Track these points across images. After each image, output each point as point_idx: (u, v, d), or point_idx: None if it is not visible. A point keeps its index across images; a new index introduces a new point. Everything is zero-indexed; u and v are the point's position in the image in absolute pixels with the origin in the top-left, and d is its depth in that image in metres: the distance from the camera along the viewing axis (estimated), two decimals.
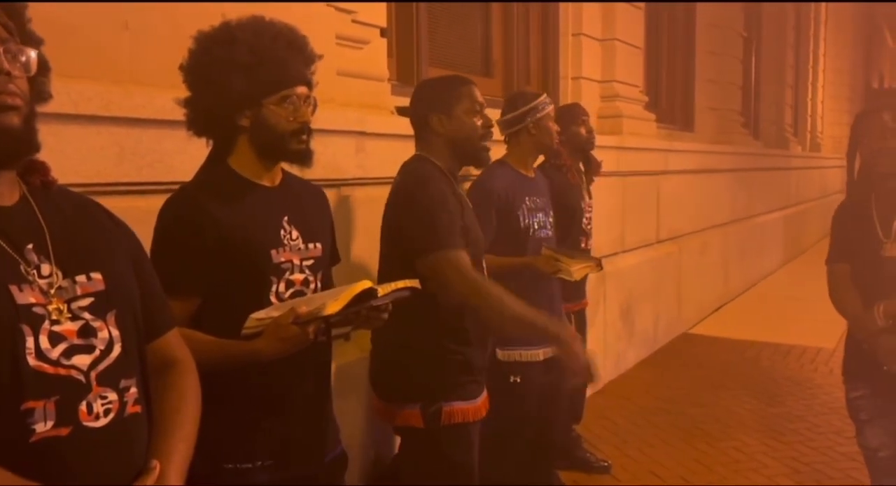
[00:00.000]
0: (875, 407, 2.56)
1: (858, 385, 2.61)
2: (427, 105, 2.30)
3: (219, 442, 1.48)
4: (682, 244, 6.52)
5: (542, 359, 2.90)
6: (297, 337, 1.56)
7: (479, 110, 2.28)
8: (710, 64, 7.98)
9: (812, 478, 3.66)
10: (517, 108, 3.04)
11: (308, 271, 1.72)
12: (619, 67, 5.53)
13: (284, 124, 1.66)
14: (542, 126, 3.01)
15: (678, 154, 6.44)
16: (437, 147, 2.28)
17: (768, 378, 5.27)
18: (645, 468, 3.79)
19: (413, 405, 2.21)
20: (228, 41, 1.61)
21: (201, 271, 1.59)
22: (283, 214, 1.71)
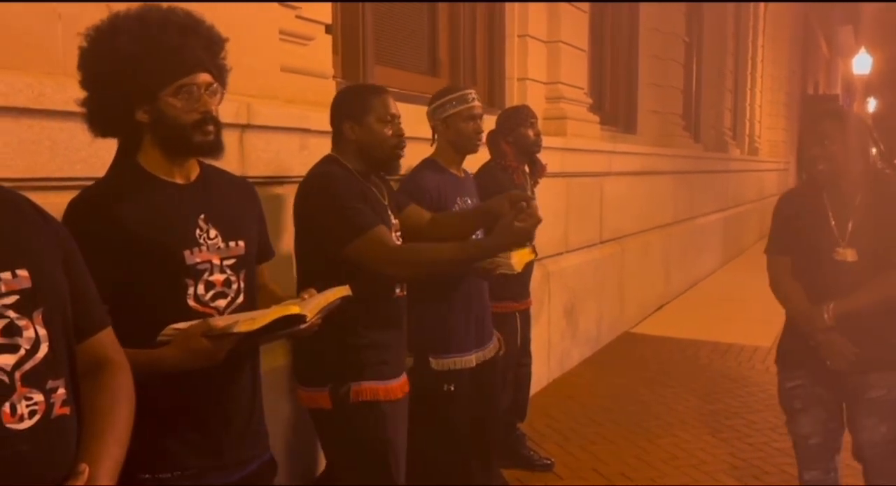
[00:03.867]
0: (809, 396, 2.64)
1: (795, 375, 2.67)
2: (341, 112, 2.38)
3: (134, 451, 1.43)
4: (624, 245, 6.63)
5: (475, 364, 2.91)
6: (206, 351, 1.49)
7: (389, 120, 2.33)
8: (653, 68, 8.14)
9: (749, 473, 3.76)
10: (430, 104, 2.97)
11: (230, 271, 1.65)
12: (564, 69, 5.59)
13: (184, 116, 1.57)
14: (450, 124, 2.91)
15: (621, 156, 6.54)
16: (348, 152, 2.36)
17: (707, 376, 5.39)
18: (587, 466, 3.84)
19: (323, 388, 2.27)
20: (111, 33, 1.52)
21: (108, 276, 1.47)
22: (199, 213, 1.64)
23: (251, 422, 1.75)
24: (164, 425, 1.59)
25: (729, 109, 11.94)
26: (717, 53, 10.97)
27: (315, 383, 2.30)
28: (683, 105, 9.35)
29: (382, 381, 2.29)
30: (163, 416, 1.59)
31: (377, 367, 2.30)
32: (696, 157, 9.34)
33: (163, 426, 1.59)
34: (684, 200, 8.70)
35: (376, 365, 2.29)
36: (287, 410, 2.71)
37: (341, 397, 2.25)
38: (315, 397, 2.30)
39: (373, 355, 2.29)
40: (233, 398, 1.69)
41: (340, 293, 1.74)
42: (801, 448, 2.74)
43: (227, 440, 1.67)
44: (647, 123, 8.09)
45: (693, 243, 8.99)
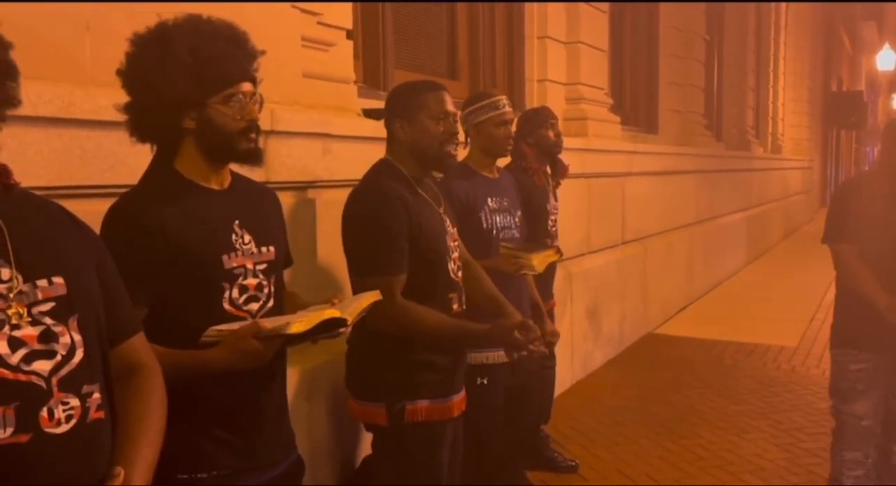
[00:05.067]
0: (873, 379, 2.87)
1: (861, 358, 2.87)
2: (392, 111, 2.31)
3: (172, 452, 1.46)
4: (647, 245, 6.60)
5: (508, 359, 2.91)
6: (257, 352, 1.52)
7: (442, 117, 2.25)
8: (674, 67, 8.09)
9: (776, 474, 3.73)
10: (462, 110, 2.98)
11: (262, 276, 1.68)
12: (584, 70, 5.58)
13: (232, 124, 1.61)
14: (482, 130, 2.94)
15: (643, 156, 6.52)
16: (400, 153, 2.30)
17: (732, 377, 5.36)
18: (612, 467, 3.83)
19: (379, 404, 2.25)
20: (163, 40, 1.55)
21: (149, 279, 1.53)
22: (235, 218, 1.67)
23: (282, 423, 1.79)
24: (201, 426, 1.63)
25: (751, 107, 11.84)
26: (738, 51, 10.88)
27: (370, 398, 2.28)
28: (705, 104, 9.29)
29: (438, 400, 2.27)
30: (199, 418, 1.62)
31: (433, 385, 2.26)
32: (719, 156, 9.28)
33: (199, 428, 1.62)
34: (707, 199, 8.64)
35: (433, 384, 2.26)
36: (305, 412, 2.73)
37: (395, 415, 2.23)
38: (370, 413, 2.28)
39: (430, 374, 2.26)
40: (266, 400, 1.72)
41: (373, 298, 1.78)
42: (851, 429, 2.93)
43: (260, 441, 1.70)
44: (669, 122, 8.05)
45: (716, 243, 8.92)
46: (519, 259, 2.89)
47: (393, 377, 2.24)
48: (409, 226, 2.17)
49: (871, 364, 2.87)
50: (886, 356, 2.84)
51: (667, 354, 6.02)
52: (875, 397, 2.90)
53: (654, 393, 4.99)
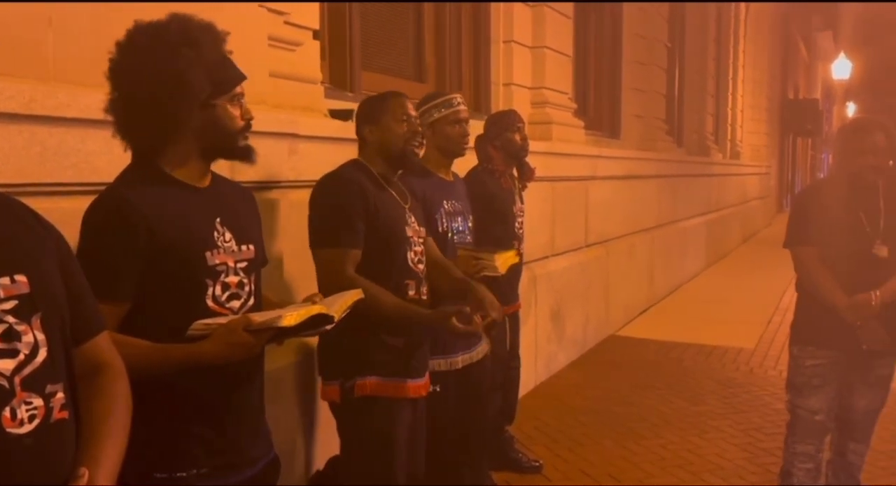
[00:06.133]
0: (828, 374, 2.98)
1: (818, 354, 2.97)
2: (361, 119, 2.52)
3: (151, 450, 1.44)
4: (609, 248, 6.68)
5: (462, 366, 2.92)
6: (247, 344, 1.54)
7: (405, 118, 2.46)
8: (636, 73, 8.21)
9: (735, 473, 3.80)
10: (416, 110, 2.94)
11: (243, 274, 1.70)
12: (549, 75, 5.63)
13: (237, 123, 1.68)
14: (437, 129, 2.96)
15: (606, 160, 6.59)
16: (369, 154, 2.49)
17: (692, 378, 5.44)
18: (575, 468, 3.87)
19: (335, 382, 2.41)
20: (173, 38, 1.57)
21: (133, 274, 1.55)
22: (216, 216, 1.68)
23: (260, 421, 1.80)
24: (181, 424, 1.62)
25: (711, 113, 12.05)
26: (698, 58, 11.07)
27: (329, 377, 2.43)
28: (666, 110, 9.43)
29: (391, 378, 2.39)
30: (179, 415, 1.62)
31: (387, 364, 2.38)
32: (679, 161, 9.42)
33: (179, 426, 1.62)
34: (668, 203, 8.77)
35: (386, 362, 2.38)
36: (269, 414, 2.71)
37: (347, 390, 2.37)
38: (328, 391, 2.43)
39: (384, 353, 2.38)
40: (246, 397, 1.73)
41: (356, 297, 1.83)
42: (804, 422, 3.03)
43: (239, 439, 1.70)
44: (631, 127, 8.16)
45: (676, 247, 9.06)
46: (480, 260, 2.90)
47: (346, 356, 2.38)
48: (365, 208, 2.33)
49: (827, 361, 2.95)
50: (842, 354, 2.94)
51: (629, 355, 6.09)
52: (829, 393, 2.98)
53: (616, 394, 5.05)
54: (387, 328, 2.37)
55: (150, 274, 1.57)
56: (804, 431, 3.03)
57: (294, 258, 2.83)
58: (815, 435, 3.03)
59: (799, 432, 3.05)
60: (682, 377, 5.46)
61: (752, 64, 15.76)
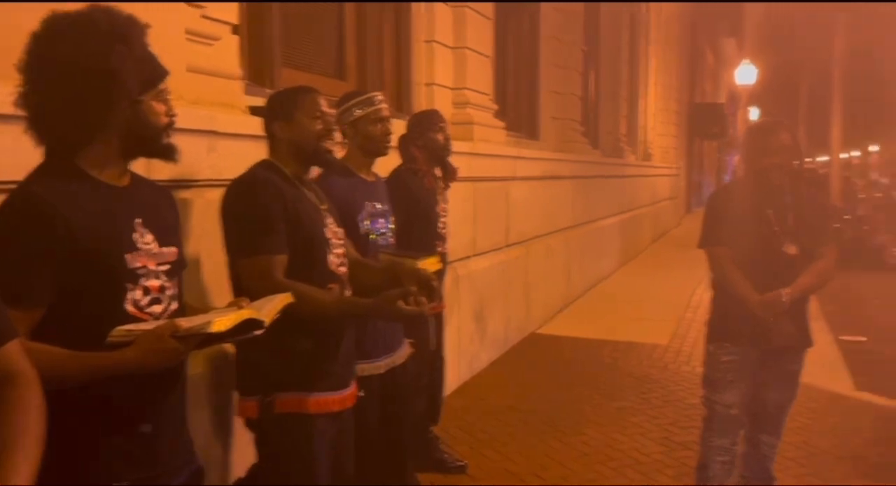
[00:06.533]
0: (742, 370, 3.07)
1: (733, 351, 3.07)
2: (271, 114, 2.37)
3: (68, 464, 1.35)
4: (529, 248, 6.76)
5: (385, 370, 2.90)
6: (174, 352, 1.45)
7: (319, 115, 2.33)
8: (554, 76, 8.34)
9: (653, 468, 3.89)
10: (337, 109, 2.94)
11: (164, 277, 1.63)
12: (470, 75, 5.65)
13: (161, 119, 1.62)
14: (358, 128, 2.91)
15: (525, 161, 6.67)
16: (281, 153, 2.34)
17: (610, 374, 5.56)
18: (500, 466, 3.89)
19: (254, 398, 2.25)
20: (99, 30, 1.49)
21: (48, 278, 1.45)
22: (136, 216, 1.60)
23: (183, 429, 1.73)
24: (99, 435, 1.54)
25: (624, 116, 12.37)
26: (612, 63, 11.35)
27: (247, 392, 2.28)
28: (582, 112, 9.63)
29: (314, 392, 2.24)
30: (98, 426, 1.53)
31: (308, 377, 2.24)
32: (595, 162, 9.63)
33: (97, 437, 1.53)
34: (584, 204, 8.95)
35: (308, 376, 2.24)
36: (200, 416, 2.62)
37: (266, 407, 2.22)
38: (245, 407, 2.27)
39: (305, 364, 2.24)
40: (168, 405, 1.65)
41: (286, 300, 1.75)
42: (720, 417, 3.12)
43: (161, 449, 1.63)
44: (549, 129, 8.29)
45: (592, 246, 9.26)
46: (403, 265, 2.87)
47: (266, 371, 2.24)
48: (284, 210, 2.19)
49: (740, 356, 3.05)
50: (755, 350, 3.04)
51: (549, 353, 6.18)
52: (743, 388, 3.08)
53: (538, 392, 5.11)
54: (305, 332, 2.23)
55: (66, 277, 1.47)
56: (720, 425, 3.12)
57: (211, 260, 2.74)
58: (730, 429, 3.12)
59: (715, 426, 3.14)
60: (600, 374, 5.57)
61: (662, 69, 16.28)
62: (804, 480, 3.71)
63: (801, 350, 3.12)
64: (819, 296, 3.11)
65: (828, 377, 5.29)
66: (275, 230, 2.17)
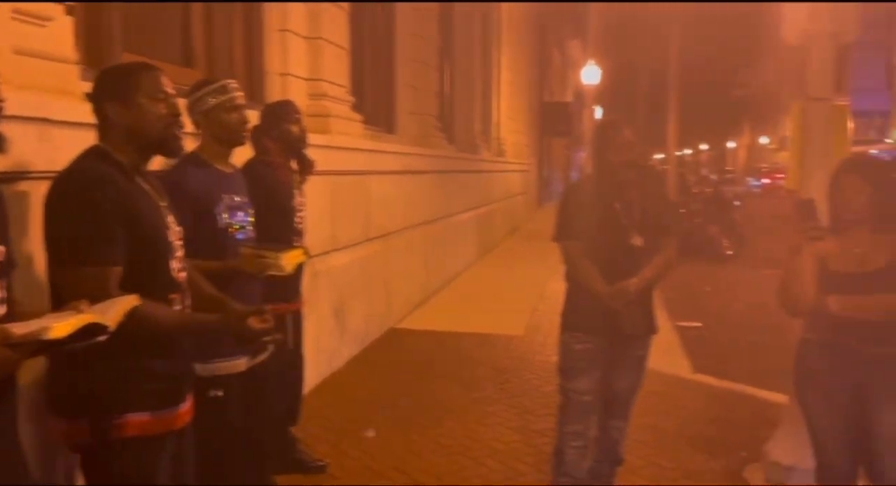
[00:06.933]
0: (595, 358, 3.18)
1: (586, 339, 3.17)
2: (103, 94, 2.06)
3: None
4: (389, 242, 6.74)
5: (245, 369, 2.79)
6: (7, 360, 1.32)
7: (163, 97, 2.05)
8: (410, 70, 8.37)
9: (512, 456, 3.98)
10: (188, 97, 2.81)
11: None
12: (326, 67, 5.55)
13: None
14: (212, 117, 2.78)
15: (384, 155, 6.65)
16: (116, 139, 2.03)
17: (469, 366, 5.65)
18: (361, 464, 3.85)
19: (83, 419, 1.95)
20: None
21: None
22: None
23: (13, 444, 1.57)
24: None
25: (478, 112, 12.62)
26: (466, 60, 11.54)
27: (72, 413, 1.97)
28: (439, 108, 9.72)
29: (156, 411, 2.00)
30: None
31: (149, 395, 2.00)
32: (451, 157, 9.76)
33: None
34: (442, 198, 9.05)
35: (154, 393, 2.01)
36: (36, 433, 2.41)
37: (102, 430, 1.94)
38: (73, 430, 1.97)
39: (144, 383, 1.99)
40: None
41: (132, 303, 1.60)
42: (574, 404, 3.23)
43: None
44: (407, 123, 8.30)
45: (450, 240, 9.38)
46: (265, 259, 2.77)
47: (100, 388, 1.95)
48: (123, 214, 1.92)
49: (592, 345, 3.17)
50: (606, 338, 3.17)
51: (409, 347, 6.20)
52: (595, 375, 3.20)
53: (399, 387, 5.10)
54: (151, 353, 1.99)
55: None
56: (575, 412, 3.23)
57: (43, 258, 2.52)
58: (584, 415, 3.24)
59: (570, 413, 3.25)
60: (459, 366, 5.64)
61: (514, 68, 16.75)
62: (650, 459, 3.92)
63: (648, 337, 3.29)
64: (659, 285, 3.28)
65: (668, 361, 5.62)
66: (111, 237, 1.90)
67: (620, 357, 3.24)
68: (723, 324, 7.69)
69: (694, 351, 6.35)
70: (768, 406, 4.62)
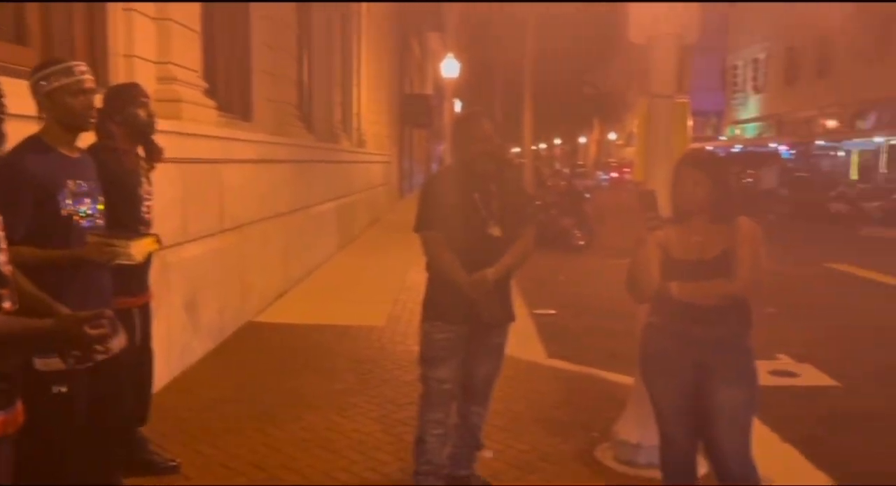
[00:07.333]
0: (455, 347, 3.23)
1: (447, 329, 3.21)
2: None
3: None
4: (245, 233, 6.54)
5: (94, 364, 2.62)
6: None
7: None
8: (267, 56, 8.13)
9: (373, 446, 3.96)
10: (31, 78, 2.66)
11: None
12: (176, 50, 5.30)
13: None
14: (55, 100, 2.62)
15: (239, 143, 6.43)
16: None
17: (330, 358, 5.59)
18: (216, 462, 3.71)
19: None
20: None
21: None
22: None
23: None
24: None
25: (338, 102, 12.47)
26: (325, 49, 11.37)
27: None
28: (297, 96, 9.52)
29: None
30: None
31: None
32: (311, 147, 9.59)
33: None
34: (301, 188, 8.87)
35: None
36: None
37: None
38: None
39: None
40: None
41: None
42: (434, 392, 3.27)
43: None
44: (264, 111, 8.08)
45: (310, 231, 9.23)
46: (113, 247, 2.64)
47: None
48: None
49: (453, 334, 3.21)
50: (465, 327, 3.21)
51: (268, 341, 6.05)
52: (456, 364, 3.25)
53: (257, 381, 4.97)
54: None
55: None
56: (436, 400, 3.27)
57: None
58: (444, 403, 3.29)
59: (431, 401, 3.29)
60: (319, 359, 5.57)
61: (374, 58, 16.68)
62: (507, 443, 4.03)
63: (506, 325, 3.36)
64: (515, 274, 3.37)
65: (524, 348, 5.80)
66: None
67: (480, 345, 3.30)
68: (575, 311, 8.02)
69: (548, 337, 6.58)
70: (618, 388, 4.86)
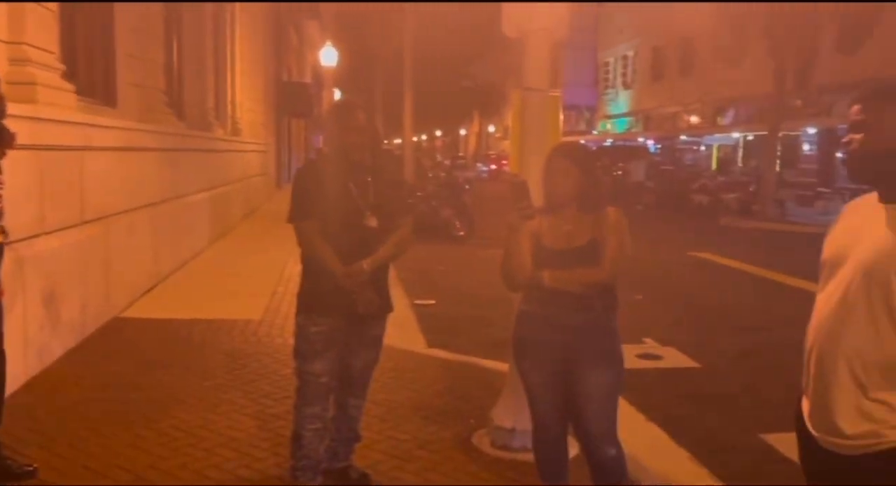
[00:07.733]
0: (329, 340, 3.18)
1: (320, 321, 3.17)
2: None
3: None
4: (109, 225, 6.22)
5: None
6: None
7: None
8: (131, 39, 7.74)
9: (248, 443, 3.86)
10: None
11: None
12: (31, 29, 4.96)
13: None
14: None
15: (102, 130, 6.10)
16: None
17: (202, 354, 5.41)
18: (77, 464, 3.53)
19: None
20: None
21: None
22: None
23: None
24: None
25: (211, 89, 12.05)
26: (197, 33, 10.95)
27: None
28: (166, 81, 9.12)
29: None
30: None
31: None
32: (182, 134, 9.23)
33: None
34: (170, 178, 8.52)
35: None
36: None
37: None
38: None
39: None
40: None
41: None
42: (310, 387, 3.22)
43: None
44: (129, 97, 7.70)
45: (182, 222, 8.89)
46: None
47: None
48: None
49: (329, 327, 3.17)
50: (342, 319, 3.18)
51: (135, 337, 5.80)
52: (332, 357, 3.21)
53: (122, 380, 4.75)
54: None
55: None
56: (312, 394, 3.22)
57: None
58: (321, 397, 3.24)
59: (306, 395, 3.23)
60: (191, 354, 5.39)
61: (249, 45, 16.21)
62: (386, 433, 4.04)
63: (383, 316, 3.36)
64: (395, 265, 3.39)
65: (404, 338, 5.83)
66: None
67: (357, 336, 3.28)
68: (455, 301, 8.13)
69: (428, 327, 6.64)
70: (494, 375, 4.96)
